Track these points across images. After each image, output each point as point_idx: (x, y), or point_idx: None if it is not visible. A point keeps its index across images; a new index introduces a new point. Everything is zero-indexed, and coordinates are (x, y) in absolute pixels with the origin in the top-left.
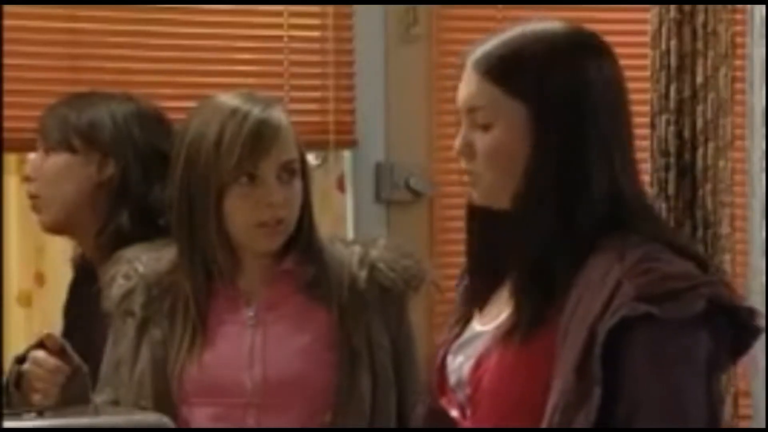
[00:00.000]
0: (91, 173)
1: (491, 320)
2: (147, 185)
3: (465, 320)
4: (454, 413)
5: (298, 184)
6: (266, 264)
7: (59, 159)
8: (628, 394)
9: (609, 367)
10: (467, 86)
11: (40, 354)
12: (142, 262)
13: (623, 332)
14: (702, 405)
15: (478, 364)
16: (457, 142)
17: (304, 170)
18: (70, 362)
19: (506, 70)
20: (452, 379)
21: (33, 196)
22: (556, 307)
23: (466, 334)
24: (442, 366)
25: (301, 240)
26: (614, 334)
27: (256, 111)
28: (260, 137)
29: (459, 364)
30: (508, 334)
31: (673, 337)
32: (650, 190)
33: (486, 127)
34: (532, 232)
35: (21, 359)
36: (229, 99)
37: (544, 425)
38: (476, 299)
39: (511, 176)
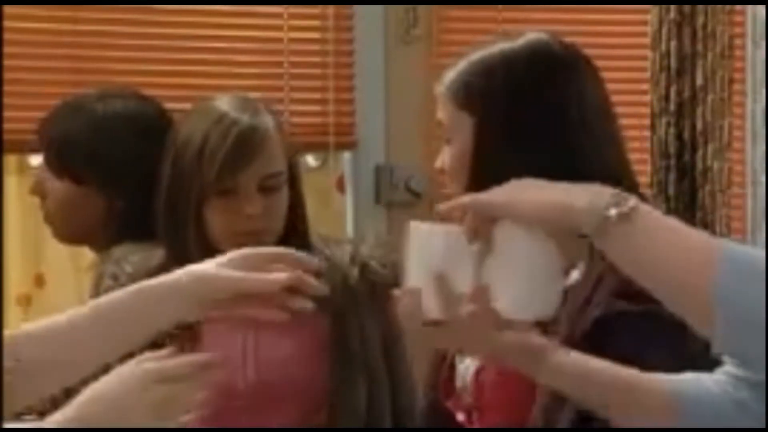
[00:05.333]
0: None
1: None
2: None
3: None
4: (461, 417)
5: (283, 193)
6: None
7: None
8: None
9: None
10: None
11: None
12: (130, 263)
13: (601, 329)
14: None
15: (478, 372)
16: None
17: (295, 176)
18: None
19: (459, 85)
20: (459, 382)
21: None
22: None
23: None
24: (451, 367)
25: (294, 244)
26: (593, 331)
27: (244, 119)
28: (243, 148)
29: (465, 368)
30: None
31: (648, 335)
32: (650, 191)
33: (448, 141)
34: None
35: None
36: (220, 104)
37: (530, 425)
38: None
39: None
